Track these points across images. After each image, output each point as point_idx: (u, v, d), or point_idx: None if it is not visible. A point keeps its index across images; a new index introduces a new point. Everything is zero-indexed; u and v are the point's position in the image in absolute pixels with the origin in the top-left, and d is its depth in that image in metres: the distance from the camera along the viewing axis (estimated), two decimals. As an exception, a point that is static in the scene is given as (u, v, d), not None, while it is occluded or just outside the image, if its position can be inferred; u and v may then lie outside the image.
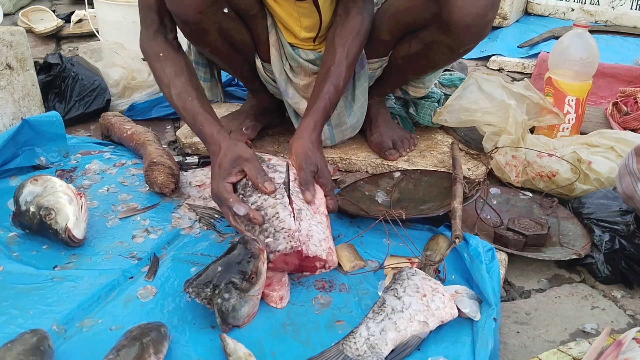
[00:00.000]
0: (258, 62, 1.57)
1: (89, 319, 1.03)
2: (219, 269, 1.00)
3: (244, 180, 1.18)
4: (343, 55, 1.36)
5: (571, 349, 0.96)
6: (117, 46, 2.20)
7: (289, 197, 1.15)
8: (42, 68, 2.00)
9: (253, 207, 1.12)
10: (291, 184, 1.17)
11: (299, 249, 1.07)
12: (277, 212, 1.10)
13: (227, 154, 1.18)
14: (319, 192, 1.21)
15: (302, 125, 1.29)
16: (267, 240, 1.08)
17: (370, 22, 1.43)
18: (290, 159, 1.24)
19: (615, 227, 1.26)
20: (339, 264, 1.17)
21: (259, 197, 1.14)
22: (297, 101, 1.58)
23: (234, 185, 1.18)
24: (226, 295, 0.98)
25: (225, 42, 1.47)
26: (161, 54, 1.34)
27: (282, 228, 1.09)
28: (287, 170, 1.20)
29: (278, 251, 1.07)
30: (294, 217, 1.12)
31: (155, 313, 1.05)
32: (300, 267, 1.13)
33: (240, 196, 1.16)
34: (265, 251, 1.05)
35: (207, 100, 1.33)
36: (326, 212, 1.20)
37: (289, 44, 1.51)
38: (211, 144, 1.23)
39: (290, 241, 1.07)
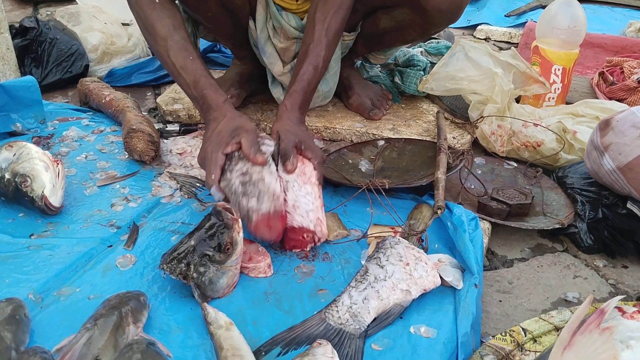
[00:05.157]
0: (251, 23, 1.53)
1: (66, 287, 1.01)
2: (192, 243, 0.98)
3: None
4: (322, 33, 1.31)
5: (553, 318, 0.96)
6: (96, 10, 2.14)
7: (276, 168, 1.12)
8: (18, 32, 1.95)
9: (238, 173, 1.08)
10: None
11: (283, 213, 1.04)
12: (263, 177, 1.06)
13: (230, 123, 1.14)
14: (309, 164, 1.17)
15: (280, 108, 1.25)
16: (250, 202, 1.04)
17: None
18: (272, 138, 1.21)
19: (599, 196, 1.26)
20: (322, 233, 1.16)
21: (245, 163, 1.10)
22: (272, 61, 1.55)
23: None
24: (202, 269, 0.97)
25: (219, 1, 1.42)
26: (157, 1, 1.24)
27: (268, 190, 1.05)
28: (276, 144, 1.16)
29: (262, 213, 1.04)
30: (280, 183, 1.08)
31: (134, 282, 1.03)
32: (289, 240, 1.10)
33: (226, 166, 1.13)
34: (239, 220, 1.02)
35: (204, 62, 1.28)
36: (317, 183, 1.15)
37: (275, 3, 1.47)
38: (215, 110, 1.18)
39: (275, 203, 1.04)
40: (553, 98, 1.70)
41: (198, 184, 1.33)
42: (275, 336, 0.91)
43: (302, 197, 1.10)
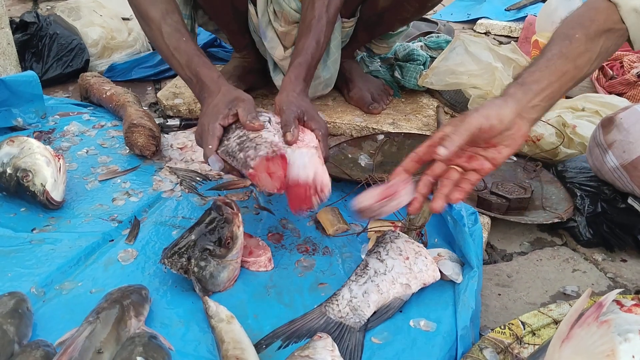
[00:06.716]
0: (251, 8, 1.53)
1: (68, 281, 1.01)
2: (193, 237, 0.99)
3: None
4: (323, 9, 1.29)
5: (552, 311, 0.96)
6: (96, 5, 2.14)
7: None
8: (18, 27, 1.95)
9: (235, 137, 1.06)
10: (275, 125, 1.11)
11: (282, 152, 0.99)
12: (260, 134, 1.04)
13: (226, 95, 1.12)
14: (310, 134, 1.12)
15: (284, 81, 1.23)
16: (248, 153, 1.00)
17: None
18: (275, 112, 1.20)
19: (598, 191, 1.26)
20: (323, 228, 1.17)
21: (242, 130, 1.07)
22: (273, 45, 1.55)
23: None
24: (202, 264, 0.97)
25: None
26: None
27: (265, 141, 1.02)
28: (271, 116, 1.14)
29: (259, 156, 0.98)
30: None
31: (136, 276, 1.03)
32: (292, 201, 1.02)
33: (224, 137, 1.10)
34: (239, 215, 1.02)
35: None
36: (317, 145, 1.10)
37: None
38: (209, 86, 1.16)
39: (272, 147, 1.00)
40: (553, 92, 1.70)
41: (198, 179, 1.33)
42: (276, 329, 0.91)
43: (296, 156, 1.03)
